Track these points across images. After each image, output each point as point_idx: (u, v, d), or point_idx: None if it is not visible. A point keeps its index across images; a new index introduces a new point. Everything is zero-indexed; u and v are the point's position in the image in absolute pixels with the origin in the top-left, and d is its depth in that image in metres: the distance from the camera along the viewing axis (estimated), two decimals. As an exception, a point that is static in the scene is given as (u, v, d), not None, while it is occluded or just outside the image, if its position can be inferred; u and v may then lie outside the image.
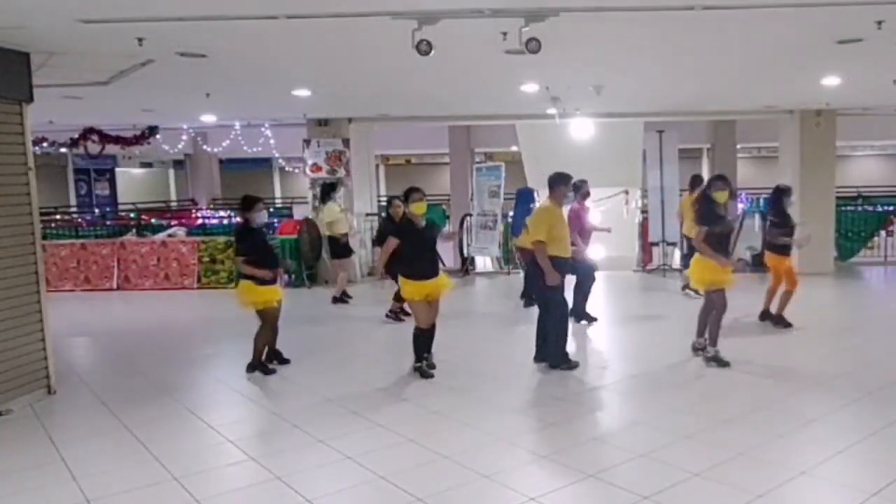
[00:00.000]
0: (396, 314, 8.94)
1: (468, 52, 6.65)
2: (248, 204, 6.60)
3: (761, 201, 14.26)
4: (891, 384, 5.99)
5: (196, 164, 23.08)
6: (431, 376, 6.41)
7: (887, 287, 12.07)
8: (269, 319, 6.65)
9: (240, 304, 6.65)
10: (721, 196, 6.52)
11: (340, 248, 10.77)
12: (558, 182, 6.68)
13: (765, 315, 8.32)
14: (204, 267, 12.20)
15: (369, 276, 13.05)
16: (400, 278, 6.58)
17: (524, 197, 10.81)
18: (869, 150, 27.42)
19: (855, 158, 27.74)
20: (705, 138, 19.33)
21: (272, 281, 6.62)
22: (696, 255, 6.65)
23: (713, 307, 6.70)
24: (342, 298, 10.48)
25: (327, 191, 11.16)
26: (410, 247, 6.38)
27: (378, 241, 9.00)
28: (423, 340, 6.52)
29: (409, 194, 6.52)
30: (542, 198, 10.04)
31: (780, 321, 8.06)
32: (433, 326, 6.56)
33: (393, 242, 6.42)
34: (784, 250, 7.92)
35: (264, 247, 6.75)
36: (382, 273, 6.98)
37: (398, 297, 8.39)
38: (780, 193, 8.17)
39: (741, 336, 7.69)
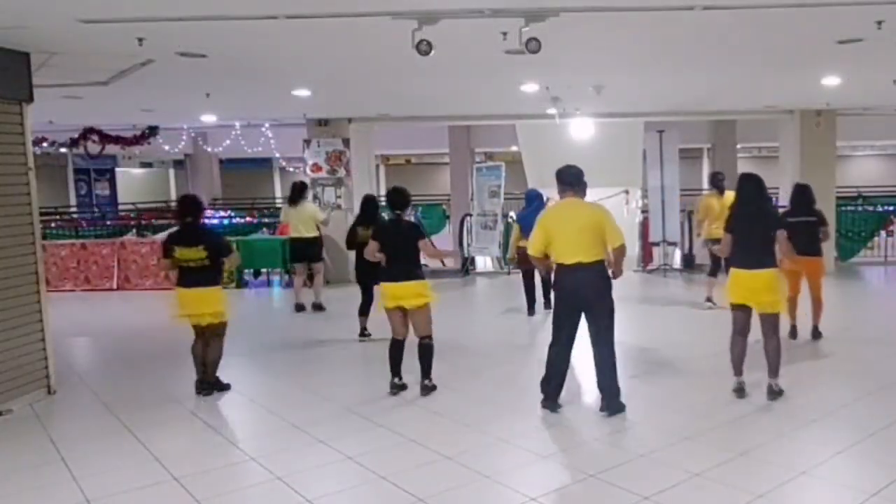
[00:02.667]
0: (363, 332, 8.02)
1: (468, 52, 6.65)
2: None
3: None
4: (891, 384, 5.99)
5: (196, 164, 23.08)
6: (404, 387, 5.93)
7: (887, 287, 12.07)
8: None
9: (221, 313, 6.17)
10: None
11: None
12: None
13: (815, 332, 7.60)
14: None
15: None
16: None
17: (535, 199, 9.75)
18: (869, 150, 27.44)
19: (855, 158, 27.76)
20: (705, 138, 19.33)
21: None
22: (772, 269, 5.58)
23: (776, 330, 5.68)
24: (303, 306, 9.91)
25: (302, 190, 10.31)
26: (385, 247, 5.93)
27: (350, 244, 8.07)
28: (395, 353, 5.97)
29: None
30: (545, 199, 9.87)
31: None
32: (422, 341, 5.96)
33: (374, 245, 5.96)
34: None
35: None
36: None
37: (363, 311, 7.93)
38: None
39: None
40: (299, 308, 9.85)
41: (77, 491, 4.23)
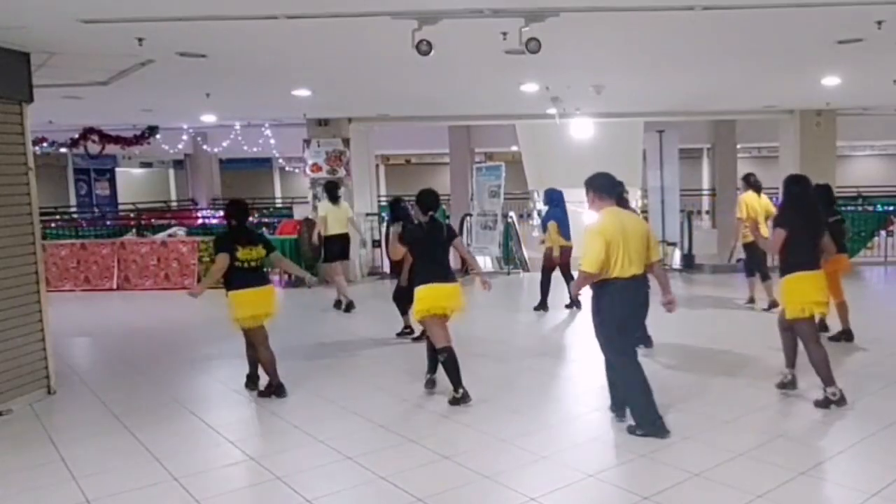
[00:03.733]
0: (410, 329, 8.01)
1: (468, 52, 6.66)
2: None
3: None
4: (891, 384, 5.99)
5: (196, 164, 23.11)
6: (469, 399, 5.62)
7: (887, 287, 12.07)
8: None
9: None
10: None
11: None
12: None
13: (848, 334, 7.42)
14: (204, 267, 12.16)
15: (370, 275, 13.08)
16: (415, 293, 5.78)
17: (557, 199, 9.50)
18: (869, 150, 27.45)
19: (855, 158, 27.76)
20: (705, 138, 19.34)
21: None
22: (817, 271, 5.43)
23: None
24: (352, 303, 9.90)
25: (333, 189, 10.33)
26: (432, 249, 5.75)
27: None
28: (455, 362, 5.63)
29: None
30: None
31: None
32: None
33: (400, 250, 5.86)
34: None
35: None
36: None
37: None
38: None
39: (740, 337, 7.69)
40: (349, 306, 9.78)
41: (77, 491, 4.23)
